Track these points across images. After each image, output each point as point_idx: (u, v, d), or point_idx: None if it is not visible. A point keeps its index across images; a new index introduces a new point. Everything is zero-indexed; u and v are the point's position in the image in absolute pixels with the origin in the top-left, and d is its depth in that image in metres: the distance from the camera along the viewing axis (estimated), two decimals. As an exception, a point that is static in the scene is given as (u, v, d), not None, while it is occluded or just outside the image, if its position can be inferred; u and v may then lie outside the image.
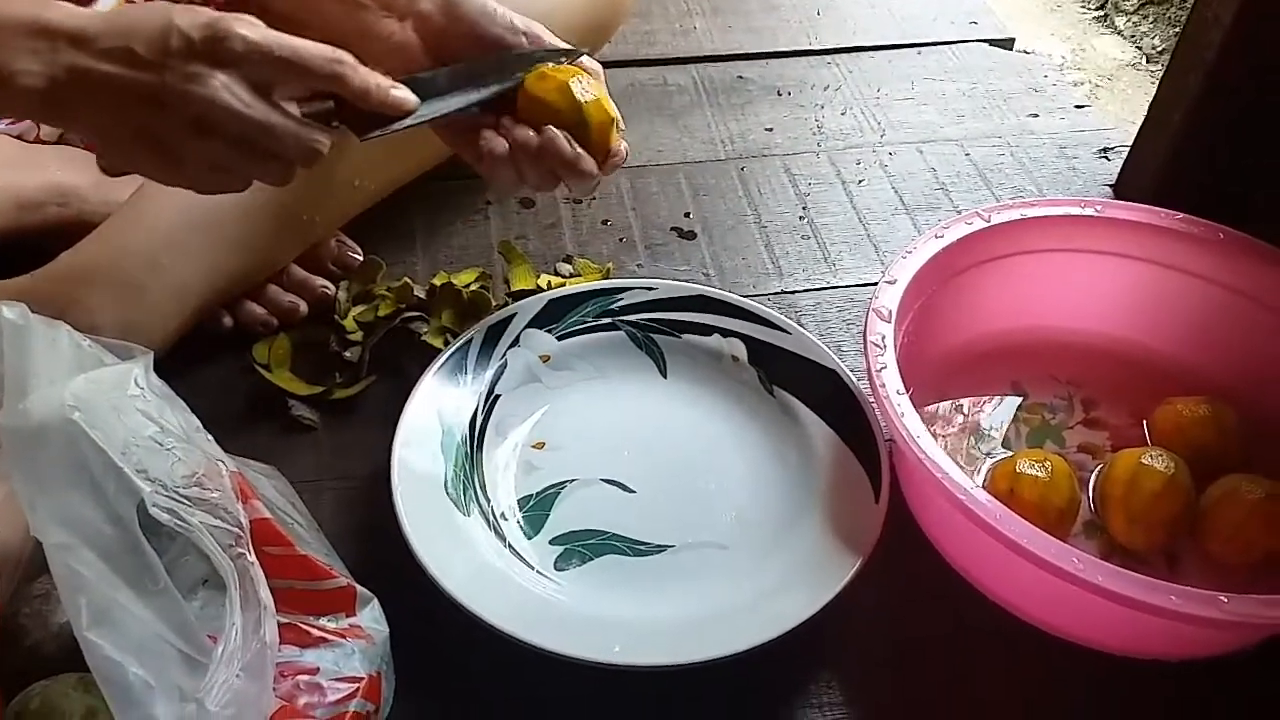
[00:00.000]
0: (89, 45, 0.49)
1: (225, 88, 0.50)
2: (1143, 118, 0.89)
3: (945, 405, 0.70)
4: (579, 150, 0.60)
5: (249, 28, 0.51)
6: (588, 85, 0.60)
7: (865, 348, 0.61)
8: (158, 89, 0.49)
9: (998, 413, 0.71)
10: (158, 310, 0.67)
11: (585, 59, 0.63)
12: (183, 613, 0.40)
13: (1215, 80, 0.79)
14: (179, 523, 0.41)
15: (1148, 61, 1.60)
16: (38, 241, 0.71)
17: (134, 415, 0.42)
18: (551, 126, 0.59)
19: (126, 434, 0.41)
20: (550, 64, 0.60)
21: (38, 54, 0.48)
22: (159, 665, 0.39)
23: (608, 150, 0.61)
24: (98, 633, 0.38)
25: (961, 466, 0.60)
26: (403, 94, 0.56)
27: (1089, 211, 0.70)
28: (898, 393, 0.58)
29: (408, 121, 0.57)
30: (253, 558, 0.44)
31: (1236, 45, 0.77)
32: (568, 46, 0.63)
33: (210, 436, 0.48)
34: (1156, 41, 1.62)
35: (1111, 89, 1.55)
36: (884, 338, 0.61)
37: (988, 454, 0.68)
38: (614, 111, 0.61)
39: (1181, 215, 0.70)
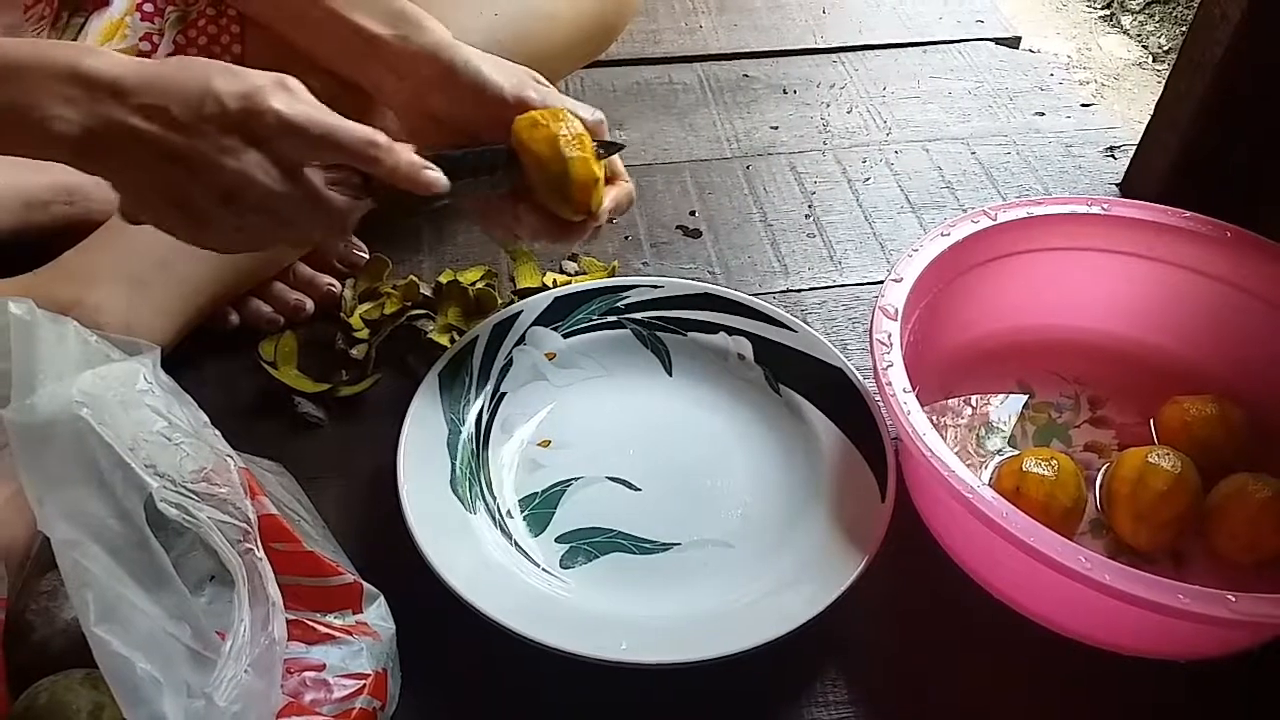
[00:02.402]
0: (126, 98, 0.49)
1: (258, 165, 0.50)
2: (1149, 117, 0.89)
3: (951, 403, 0.70)
4: (557, 214, 0.60)
5: (286, 101, 0.50)
6: (575, 141, 0.59)
7: (871, 346, 0.60)
8: (189, 153, 0.49)
9: (1004, 411, 0.71)
10: (163, 308, 0.67)
11: (587, 116, 0.62)
12: (190, 608, 0.40)
13: (1223, 78, 0.79)
14: (187, 518, 0.42)
15: (1154, 61, 1.60)
16: (44, 240, 0.71)
17: (142, 410, 0.42)
18: (524, 205, 0.60)
19: (134, 429, 0.41)
20: (543, 112, 0.59)
21: (74, 102, 0.48)
22: (167, 661, 0.39)
23: (589, 208, 0.60)
24: (105, 628, 0.38)
25: (968, 465, 0.60)
26: (434, 175, 0.55)
27: (1096, 210, 0.70)
28: (904, 390, 0.58)
29: (439, 203, 0.57)
30: (261, 553, 0.44)
31: (1245, 42, 0.77)
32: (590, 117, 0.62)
33: (218, 432, 0.48)
34: (1162, 41, 1.62)
35: (1117, 88, 1.54)
36: (890, 335, 0.61)
37: (994, 452, 0.68)
38: (599, 171, 0.60)
39: (1189, 214, 0.70)
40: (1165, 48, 1.61)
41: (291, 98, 0.51)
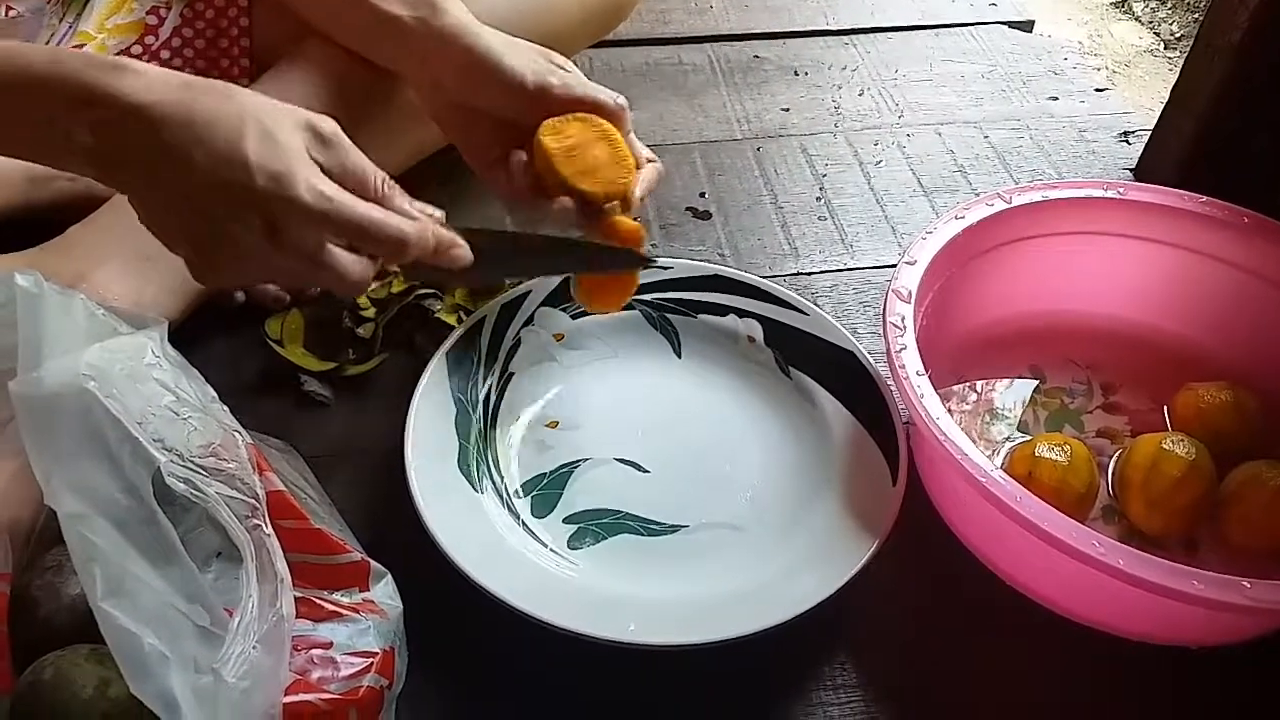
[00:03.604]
0: (148, 130, 0.46)
1: (276, 250, 0.48)
2: (1162, 103, 0.88)
3: (962, 387, 0.70)
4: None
5: (315, 194, 0.47)
6: (619, 172, 0.59)
7: (884, 328, 0.60)
8: (204, 206, 0.47)
9: (1010, 396, 0.70)
10: (168, 284, 0.66)
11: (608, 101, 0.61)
12: (198, 584, 0.40)
13: (1242, 62, 0.78)
14: (195, 493, 0.41)
15: (1165, 48, 1.58)
16: (48, 216, 0.70)
17: (150, 384, 0.42)
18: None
19: (143, 403, 0.41)
20: (578, 130, 0.59)
21: (92, 124, 0.46)
22: (174, 636, 0.39)
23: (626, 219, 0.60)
24: (112, 603, 0.38)
25: (980, 449, 0.59)
26: (460, 253, 0.54)
27: (1111, 194, 0.70)
28: (917, 374, 0.57)
29: (462, 278, 0.57)
30: (269, 530, 0.43)
31: (1264, 26, 0.76)
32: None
33: (225, 407, 0.48)
34: (1174, 28, 1.61)
35: (1129, 75, 1.53)
36: (903, 319, 0.60)
37: (1006, 438, 0.67)
38: (635, 202, 0.60)
39: (1204, 198, 0.69)
40: (1177, 35, 1.59)
41: (319, 184, 0.48)
